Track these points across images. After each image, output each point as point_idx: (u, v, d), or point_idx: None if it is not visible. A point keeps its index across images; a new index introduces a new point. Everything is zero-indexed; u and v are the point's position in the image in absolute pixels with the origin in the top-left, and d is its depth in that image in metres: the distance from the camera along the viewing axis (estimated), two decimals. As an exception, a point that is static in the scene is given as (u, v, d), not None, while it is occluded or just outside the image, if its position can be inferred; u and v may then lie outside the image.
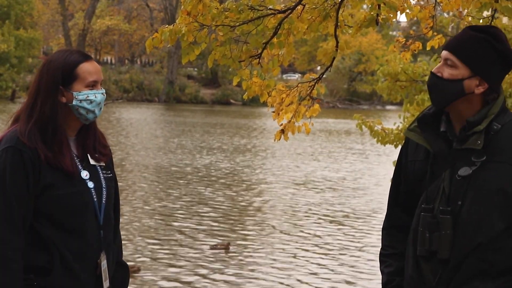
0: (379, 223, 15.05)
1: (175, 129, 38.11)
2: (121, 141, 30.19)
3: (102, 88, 3.52)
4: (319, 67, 71.41)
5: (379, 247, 3.51)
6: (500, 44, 3.24)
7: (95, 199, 3.48)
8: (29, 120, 3.43)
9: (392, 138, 9.84)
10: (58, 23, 76.32)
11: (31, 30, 65.66)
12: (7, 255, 3.30)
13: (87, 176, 3.48)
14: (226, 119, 48.26)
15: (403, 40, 7.56)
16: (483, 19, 7.11)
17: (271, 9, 5.88)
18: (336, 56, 6.35)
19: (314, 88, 6.37)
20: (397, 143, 9.82)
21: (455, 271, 3.23)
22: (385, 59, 10.34)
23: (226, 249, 12.29)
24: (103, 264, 3.49)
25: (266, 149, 30.19)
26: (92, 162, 3.53)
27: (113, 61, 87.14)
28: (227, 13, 5.69)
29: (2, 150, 3.38)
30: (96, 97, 3.46)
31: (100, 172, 3.54)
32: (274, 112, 6.40)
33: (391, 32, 78.94)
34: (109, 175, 3.58)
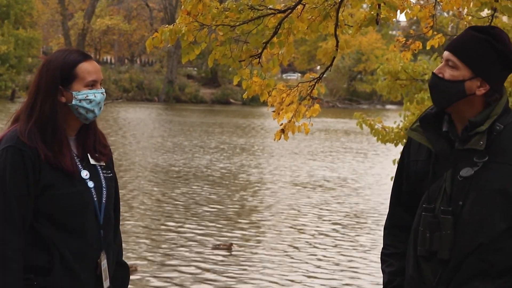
0: (379, 222, 15.05)
1: (174, 128, 38.08)
2: (119, 140, 30.17)
3: (101, 88, 3.52)
4: (318, 67, 71.43)
5: (379, 247, 3.51)
6: (501, 45, 3.23)
7: (95, 199, 3.48)
8: (29, 120, 3.42)
9: (393, 137, 9.84)
10: (58, 23, 76.31)
11: (31, 30, 65.61)
12: (7, 255, 3.30)
13: (87, 176, 3.48)
14: (225, 119, 48.25)
15: (403, 39, 7.56)
16: (483, 19, 7.12)
17: (271, 8, 5.88)
18: (336, 56, 6.35)
19: (315, 88, 6.38)
20: (397, 141, 9.81)
21: (455, 271, 3.22)
22: (385, 58, 10.34)
23: (229, 249, 12.26)
24: (103, 263, 3.49)
25: (265, 148, 30.18)
26: (92, 161, 3.52)
27: (112, 60, 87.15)
28: (227, 12, 5.69)
29: (2, 149, 3.38)
30: (95, 96, 3.46)
31: (100, 171, 3.54)
32: (274, 111, 6.40)
33: (390, 32, 79.00)
34: (109, 175, 3.58)
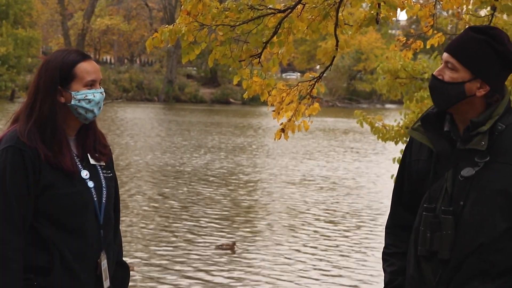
0: (378, 221, 15.06)
1: (173, 128, 38.08)
2: (118, 140, 30.16)
3: (101, 88, 3.51)
4: (318, 66, 71.36)
5: (378, 246, 3.51)
6: (500, 46, 3.21)
7: (95, 199, 3.47)
8: (28, 120, 3.42)
9: (393, 135, 9.83)
10: (57, 23, 76.27)
11: (30, 29, 65.56)
12: (7, 255, 3.30)
13: (87, 176, 3.47)
14: (224, 118, 48.23)
15: (404, 39, 7.56)
16: (482, 18, 7.11)
17: (271, 8, 5.88)
18: (336, 55, 6.35)
19: (314, 87, 6.38)
20: (397, 139, 9.81)
21: (455, 271, 3.22)
22: (385, 56, 10.33)
23: (232, 249, 12.23)
24: (103, 263, 3.49)
25: (265, 148, 30.18)
26: (92, 161, 3.52)
27: (112, 60, 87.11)
28: (227, 12, 5.69)
29: (2, 149, 3.37)
30: (94, 96, 3.46)
31: (100, 171, 3.53)
32: (274, 111, 6.40)
33: (390, 31, 78.98)
34: (109, 175, 3.57)
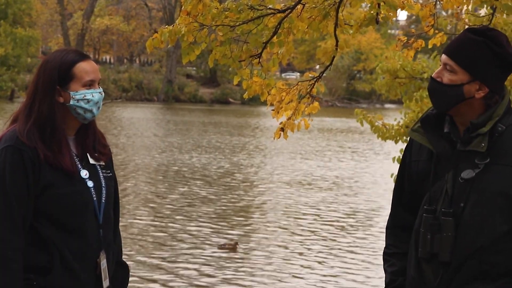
0: (376, 221, 15.06)
1: (172, 128, 38.08)
2: (117, 140, 30.16)
3: (99, 87, 3.51)
4: (317, 66, 71.38)
5: (377, 246, 3.51)
6: (499, 48, 3.20)
7: (95, 199, 3.47)
8: (27, 120, 3.42)
9: (393, 134, 9.84)
10: (57, 23, 76.27)
11: (30, 29, 65.53)
12: (7, 255, 3.29)
13: (87, 176, 3.47)
14: (224, 118, 48.23)
15: (405, 39, 7.55)
16: (482, 18, 7.11)
17: (270, 8, 5.88)
18: (336, 55, 6.36)
19: (314, 87, 6.38)
20: (397, 138, 9.82)
21: (455, 272, 3.22)
22: (384, 56, 10.33)
23: (234, 249, 12.22)
24: (103, 263, 3.49)
25: (263, 148, 30.18)
26: (91, 161, 3.52)
27: (112, 60, 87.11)
28: (227, 13, 5.69)
29: (2, 149, 3.37)
30: (93, 96, 3.45)
31: (99, 171, 3.53)
32: (273, 110, 6.41)
33: (389, 31, 78.96)
34: (108, 175, 3.57)
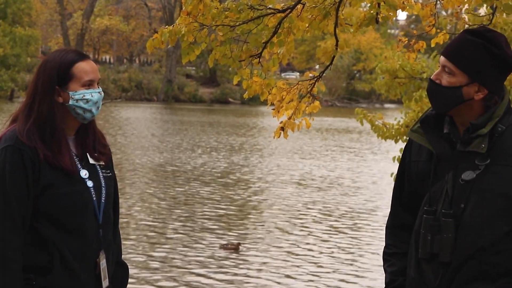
0: (376, 221, 15.06)
1: (172, 128, 38.06)
2: (117, 140, 30.14)
3: (99, 87, 3.51)
4: (317, 66, 71.36)
5: (376, 246, 3.51)
6: (497, 49, 3.19)
7: (94, 198, 3.47)
8: (27, 120, 3.42)
9: (393, 133, 9.84)
10: (57, 23, 76.28)
11: (29, 28, 65.51)
12: (7, 255, 3.29)
13: (86, 175, 3.47)
14: (223, 118, 48.22)
15: (406, 40, 7.55)
16: (482, 17, 7.11)
17: (270, 8, 5.88)
18: (336, 55, 6.36)
19: (315, 86, 6.38)
20: (397, 138, 9.82)
21: (456, 272, 3.22)
22: (383, 56, 10.33)
23: (236, 249, 12.18)
24: (102, 263, 3.49)
25: (263, 147, 30.17)
26: (91, 161, 3.52)
27: (111, 60, 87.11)
28: (227, 13, 5.69)
29: (2, 149, 3.37)
30: (92, 96, 3.45)
31: (99, 171, 3.53)
32: (274, 109, 6.41)
33: (389, 30, 78.99)
34: (108, 174, 3.57)
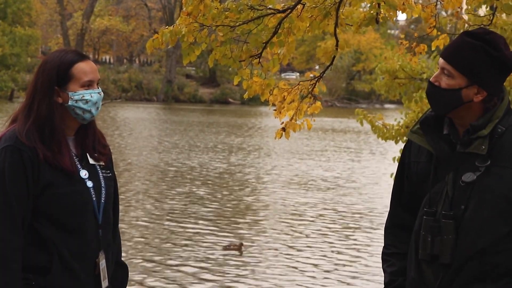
0: (375, 221, 15.06)
1: (171, 128, 38.05)
2: (116, 140, 30.14)
3: (98, 88, 3.51)
4: (317, 66, 71.39)
5: (376, 246, 3.50)
6: (496, 51, 3.18)
7: (94, 199, 3.47)
8: (27, 120, 3.42)
9: (393, 134, 9.85)
10: (57, 23, 76.30)
11: (29, 28, 65.48)
12: (7, 255, 3.29)
13: (86, 176, 3.47)
14: (222, 118, 48.20)
15: (407, 43, 7.56)
16: (482, 18, 7.11)
17: (270, 8, 5.88)
18: (336, 55, 6.36)
19: (315, 86, 6.39)
20: (397, 138, 9.83)
21: (456, 273, 3.22)
22: (383, 57, 10.34)
23: (239, 249, 12.15)
24: (102, 263, 3.48)
25: (262, 147, 30.16)
26: (91, 161, 3.51)
27: (111, 60, 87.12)
28: (227, 13, 5.69)
29: (1, 149, 3.37)
30: (92, 96, 3.45)
31: (99, 171, 3.53)
32: (275, 110, 6.41)
33: (389, 31, 78.98)
34: (108, 175, 3.57)
